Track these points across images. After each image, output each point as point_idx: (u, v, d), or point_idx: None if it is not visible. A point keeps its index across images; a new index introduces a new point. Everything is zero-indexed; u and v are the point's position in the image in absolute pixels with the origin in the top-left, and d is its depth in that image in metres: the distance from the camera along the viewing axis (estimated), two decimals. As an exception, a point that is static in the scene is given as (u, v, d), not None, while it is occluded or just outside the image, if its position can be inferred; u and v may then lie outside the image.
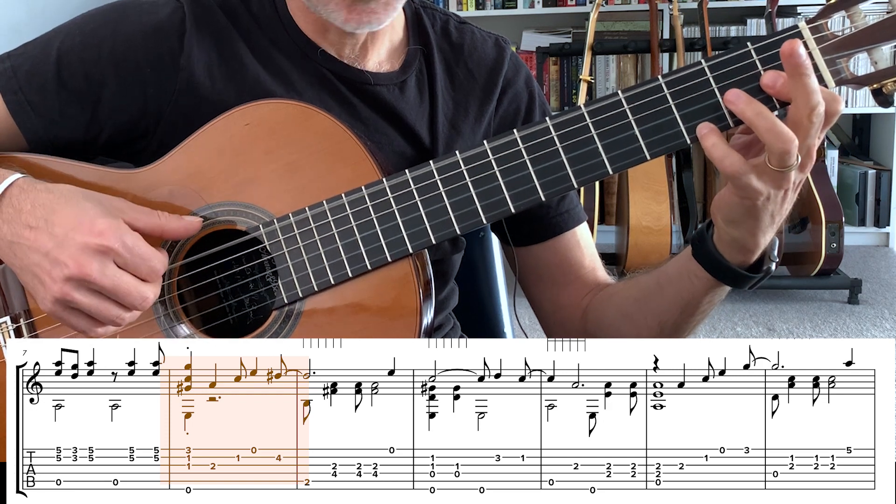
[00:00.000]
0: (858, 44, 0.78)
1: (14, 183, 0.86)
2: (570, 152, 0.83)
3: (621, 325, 1.02)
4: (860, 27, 0.79)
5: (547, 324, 1.14)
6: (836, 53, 0.79)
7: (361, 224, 0.87)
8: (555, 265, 1.11)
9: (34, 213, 0.84)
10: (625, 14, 4.13)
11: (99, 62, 0.95)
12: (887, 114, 4.08)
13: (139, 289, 0.83)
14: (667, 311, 0.96)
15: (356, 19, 0.93)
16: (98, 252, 0.82)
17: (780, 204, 0.83)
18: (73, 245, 0.82)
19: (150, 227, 0.86)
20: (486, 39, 1.11)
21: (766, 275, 0.90)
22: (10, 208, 0.85)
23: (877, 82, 0.80)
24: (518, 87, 1.10)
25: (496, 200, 0.85)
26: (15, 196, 0.85)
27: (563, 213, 1.09)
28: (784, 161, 0.77)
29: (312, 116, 0.89)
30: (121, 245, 0.82)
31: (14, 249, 0.85)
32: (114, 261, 0.82)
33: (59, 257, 0.82)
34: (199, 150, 0.91)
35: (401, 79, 1.03)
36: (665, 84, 0.81)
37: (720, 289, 0.92)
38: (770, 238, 0.87)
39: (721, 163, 0.79)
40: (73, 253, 0.81)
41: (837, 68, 0.79)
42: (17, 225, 0.84)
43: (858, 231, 4.10)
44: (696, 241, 0.91)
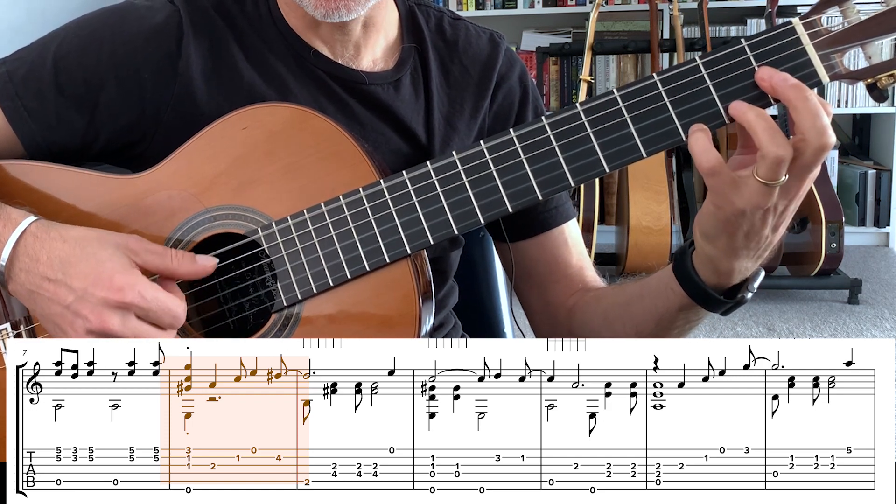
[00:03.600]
0: (852, 39, 0.78)
1: (27, 230, 0.85)
2: (566, 151, 0.83)
3: (602, 330, 1.02)
4: (853, 22, 0.79)
5: (534, 321, 1.14)
6: (829, 48, 0.79)
7: (359, 226, 0.86)
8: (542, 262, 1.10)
9: (51, 265, 0.83)
10: (625, 14, 4.13)
11: (97, 67, 0.94)
12: (887, 114, 4.08)
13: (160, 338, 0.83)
14: (643, 321, 0.96)
15: (325, 6, 0.93)
16: (118, 308, 0.82)
17: (758, 226, 0.80)
18: (93, 300, 0.82)
19: (162, 270, 0.86)
20: (480, 35, 1.10)
21: (737, 304, 0.88)
22: (27, 257, 0.84)
23: (871, 77, 0.80)
24: (512, 83, 1.10)
25: (493, 200, 0.85)
26: (30, 245, 0.85)
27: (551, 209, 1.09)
28: (773, 171, 0.76)
29: (309, 119, 0.89)
30: (140, 299, 0.82)
31: (35, 299, 0.85)
32: (135, 313, 0.82)
33: (80, 311, 0.82)
34: (197, 155, 0.91)
35: (395, 77, 1.03)
36: (660, 81, 0.81)
37: (694, 309, 0.90)
38: (747, 265, 0.85)
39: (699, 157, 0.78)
40: (93, 308, 0.81)
41: (831, 63, 0.79)
42: (34, 276, 0.84)
43: (858, 231, 4.10)
44: (678, 256, 0.90)
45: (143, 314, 0.83)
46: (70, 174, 0.93)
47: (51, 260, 0.84)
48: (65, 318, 0.83)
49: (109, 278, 0.82)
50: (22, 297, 0.86)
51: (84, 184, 0.92)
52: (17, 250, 0.85)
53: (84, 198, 0.92)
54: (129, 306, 0.82)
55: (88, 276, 0.82)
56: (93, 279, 0.82)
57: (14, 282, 0.85)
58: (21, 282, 0.85)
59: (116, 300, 0.81)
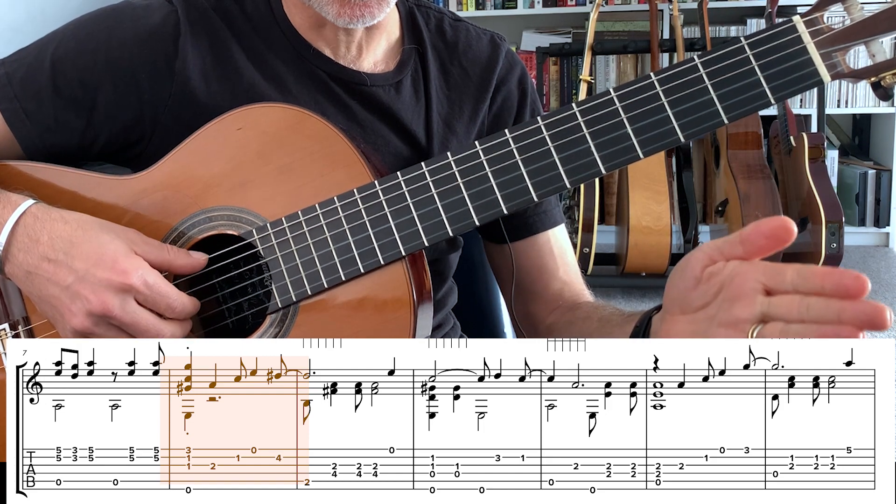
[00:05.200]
0: (855, 36, 0.76)
1: (27, 210, 0.85)
2: (561, 151, 0.82)
3: None
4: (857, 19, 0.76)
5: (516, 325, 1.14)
6: (831, 47, 0.77)
7: (354, 227, 0.86)
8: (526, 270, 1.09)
9: (52, 245, 0.83)
10: (625, 14, 4.13)
11: (94, 68, 0.95)
12: (887, 114, 4.08)
13: (157, 326, 0.84)
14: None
15: (349, 13, 0.93)
16: (120, 290, 0.82)
17: None
18: (94, 281, 0.82)
19: (159, 262, 0.86)
20: (480, 37, 1.10)
21: None
22: (26, 238, 0.85)
23: (874, 75, 0.77)
24: (511, 86, 1.09)
25: (488, 201, 0.84)
26: (30, 225, 0.85)
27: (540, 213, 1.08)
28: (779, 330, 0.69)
29: (305, 119, 0.89)
30: (142, 284, 0.82)
31: (32, 280, 0.85)
32: (134, 297, 0.83)
33: (80, 291, 0.82)
34: (193, 156, 0.91)
35: (396, 79, 1.03)
36: (658, 81, 0.80)
37: None
38: None
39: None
40: (95, 289, 0.82)
41: (833, 62, 0.77)
42: (34, 256, 0.84)
43: (858, 231, 4.10)
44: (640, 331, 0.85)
45: (143, 300, 0.83)
46: (67, 174, 0.93)
47: (52, 240, 0.84)
48: (61, 300, 0.83)
49: (113, 260, 0.82)
50: (18, 278, 0.86)
51: (81, 184, 0.92)
52: (17, 231, 0.85)
53: (81, 198, 0.92)
54: (131, 289, 0.82)
55: (91, 258, 0.82)
56: (95, 260, 0.82)
57: (11, 263, 0.85)
58: (19, 262, 0.84)
59: (119, 282, 0.82)
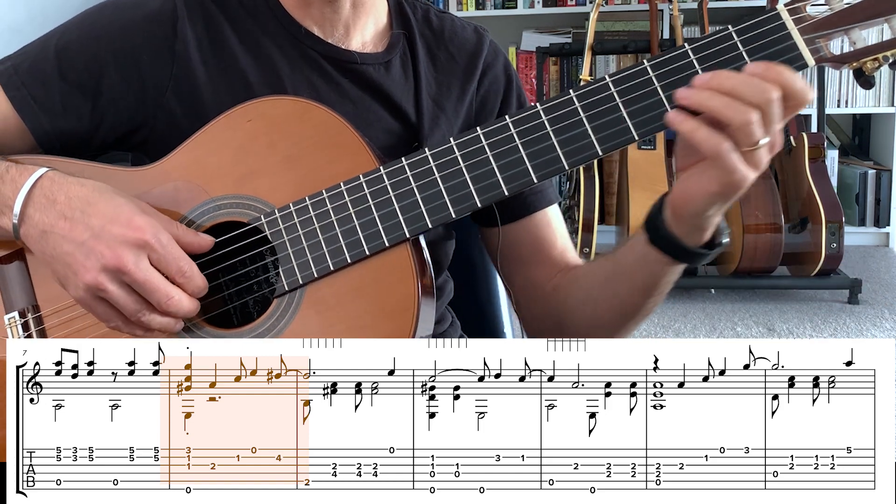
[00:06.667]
0: (835, 24, 0.81)
1: (45, 174, 0.89)
2: (560, 135, 0.86)
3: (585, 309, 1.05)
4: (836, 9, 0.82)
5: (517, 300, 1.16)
6: (814, 33, 0.82)
7: (359, 210, 0.89)
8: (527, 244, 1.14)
9: (69, 205, 0.87)
10: (625, 14, 4.13)
11: (97, 53, 0.98)
12: (887, 114, 4.08)
13: (167, 288, 0.85)
14: (628, 295, 0.98)
15: None
16: (135, 245, 0.84)
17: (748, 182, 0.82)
18: (110, 236, 0.84)
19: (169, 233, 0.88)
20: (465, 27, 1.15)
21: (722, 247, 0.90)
22: (43, 198, 0.88)
23: (855, 60, 0.83)
24: (497, 71, 1.14)
25: (489, 183, 0.87)
26: (47, 187, 0.88)
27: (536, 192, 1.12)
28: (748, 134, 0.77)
29: (311, 110, 0.92)
30: (157, 241, 0.85)
31: (47, 238, 0.87)
32: (148, 256, 0.85)
33: (95, 247, 0.84)
34: (203, 147, 0.94)
35: (386, 59, 1.07)
36: (650, 67, 0.85)
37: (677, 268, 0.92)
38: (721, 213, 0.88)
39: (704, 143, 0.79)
40: (110, 244, 0.84)
41: (816, 47, 0.82)
42: (50, 215, 0.87)
43: (858, 231, 4.10)
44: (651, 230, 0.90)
45: (157, 259, 0.85)
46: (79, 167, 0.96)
47: (69, 199, 0.87)
48: (75, 256, 0.85)
49: (129, 218, 0.85)
50: (32, 239, 0.88)
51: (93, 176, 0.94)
52: (34, 192, 0.88)
53: None
54: (146, 245, 0.85)
55: (107, 215, 0.86)
56: (111, 217, 0.85)
57: (27, 224, 0.88)
58: (35, 222, 0.87)
59: (135, 237, 0.84)
